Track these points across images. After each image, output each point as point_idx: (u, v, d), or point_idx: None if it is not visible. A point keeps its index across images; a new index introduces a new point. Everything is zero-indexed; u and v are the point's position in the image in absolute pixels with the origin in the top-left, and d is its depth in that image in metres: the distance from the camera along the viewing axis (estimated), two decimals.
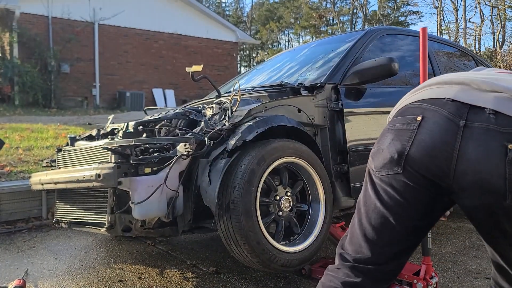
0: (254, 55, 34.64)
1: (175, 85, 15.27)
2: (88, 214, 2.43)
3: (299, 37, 35.90)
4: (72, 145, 2.87)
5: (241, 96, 2.45)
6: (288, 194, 2.25)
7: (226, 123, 2.19)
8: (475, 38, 24.32)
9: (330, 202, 2.33)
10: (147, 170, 2.06)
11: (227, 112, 2.29)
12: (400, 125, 1.08)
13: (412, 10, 29.78)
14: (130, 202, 1.99)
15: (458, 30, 23.77)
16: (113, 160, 2.07)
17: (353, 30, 24.12)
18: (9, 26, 12.07)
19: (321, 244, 2.26)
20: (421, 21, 31.29)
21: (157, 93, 14.89)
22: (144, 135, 2.43)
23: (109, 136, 2.68)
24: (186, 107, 2.91)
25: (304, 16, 31.16)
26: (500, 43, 22.85)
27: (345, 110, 2.57)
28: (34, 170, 3.98)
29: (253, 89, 2.97)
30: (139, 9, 14.20)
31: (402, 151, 1.05)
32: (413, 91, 1.18)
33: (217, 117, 2.37)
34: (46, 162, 3.14)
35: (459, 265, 2.66)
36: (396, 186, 1.07)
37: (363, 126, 2.66)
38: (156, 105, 13.96)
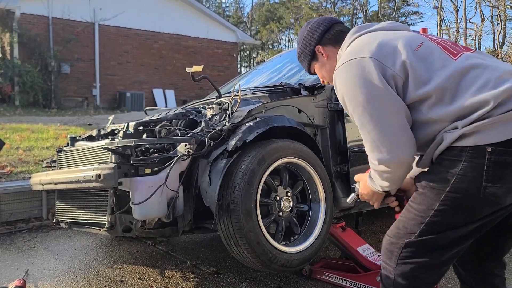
0: (254, 55, 34.61)
1: (176, 85, 15.27)
2: (88, 215, 2.43)
3: None
4: (73, 145, 2.87)
5: (242, 97, 2.45)
6: (289, 194, 2.24)
7: (227, 124, 2.19)
8: (475, 38, 24.25)
9: (330, 202, 2.33)
10: (148, 170, 2.06)
11: (228, 112, 2.29)
12: None
13: (412, 11, 29.80)
14: (130, 202, 1.99)
15: (459, 31, 23.71)
16: (113, 161, 2.07)
17: None
18: (10, 27, 12.06)
19: (322, 244, 2.26)
20: (421, 21, 31.25)
21: (158, 93, 14.89)
22: (145, 135, 2.43)
23: (110, 137, 2.68)
24: (187, 107, 2.91)
25: (305, 16, 31.12)
26: (500, 43, 22.82)
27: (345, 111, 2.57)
28: (34, 170, 3.98)
29: (254, 89, 2.97)
30: (139, 10, 14.20)
31: None
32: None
33: (217, 117, 2.37)
34: (47, 163, 3.14)
35: None
36: None
37: None
38: (156, 106, 13.95)
